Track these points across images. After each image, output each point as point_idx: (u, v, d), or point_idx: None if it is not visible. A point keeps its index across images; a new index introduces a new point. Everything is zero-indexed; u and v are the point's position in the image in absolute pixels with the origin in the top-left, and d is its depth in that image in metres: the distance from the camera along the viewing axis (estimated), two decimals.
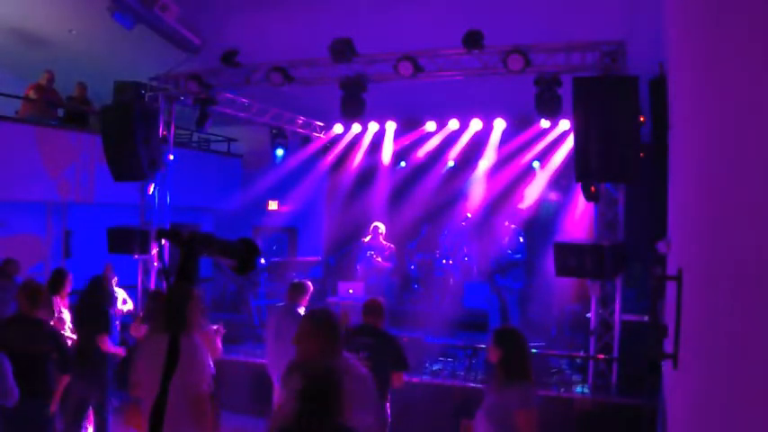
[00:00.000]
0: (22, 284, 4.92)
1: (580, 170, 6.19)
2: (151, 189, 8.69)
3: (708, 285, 1.98)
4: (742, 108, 1.42)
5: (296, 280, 6.14)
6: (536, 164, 10.35)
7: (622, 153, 5.93)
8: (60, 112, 10.26)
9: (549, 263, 6.41)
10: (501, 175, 10.44)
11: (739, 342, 1.43)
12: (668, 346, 2.95)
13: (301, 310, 5.70)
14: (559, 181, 10.09)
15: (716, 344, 1.78)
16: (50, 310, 5.35)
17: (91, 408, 5.75)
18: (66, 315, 6.09)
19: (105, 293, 6.08)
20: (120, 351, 5.92)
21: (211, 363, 3.65)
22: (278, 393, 5.44)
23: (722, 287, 1.70)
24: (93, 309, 5.75)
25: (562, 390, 6.81)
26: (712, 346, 1.85)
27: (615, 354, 6.62)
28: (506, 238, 9.33)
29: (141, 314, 6.47)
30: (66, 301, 6.18)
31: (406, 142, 11.09)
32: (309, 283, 6.01)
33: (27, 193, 9.18)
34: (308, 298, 5.87)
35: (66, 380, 4.84)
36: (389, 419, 4.88)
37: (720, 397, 1.67)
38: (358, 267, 10.03)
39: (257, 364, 7.40)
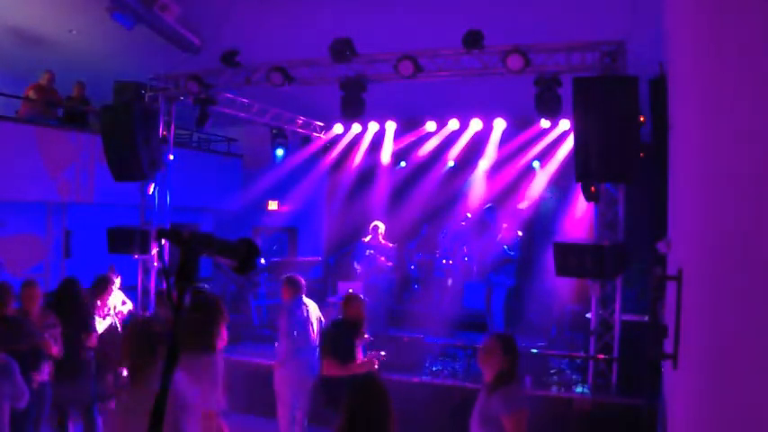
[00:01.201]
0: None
1: (580, 170, 6.18)
2: (151, 189, 8.68)
3: (708, 285, 1.98)
4: (741, 107, 1.42)
5: (288, 275, 6.42)
6: (536, 164, 10.35)
7: (622, 153, 5.93)
8: (60, 112, 10.25)
9: (549, 262, 6.40)
10: (501, 175, 10.45)
11: (739, 342, 1.43)
12: (668, 346, 2.95)
13: (305, 298, 6.22)
14: (559, 181, 10.09)
15: (716, 344, 1.78)
16: (25, 310, 5.32)
17: (79, 410, 5.74)
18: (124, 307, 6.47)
19: (83, 294, 5.97)
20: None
21: None
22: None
23: (722, 287, 1.70)
24: (76, 310, 5.69)
25: (562, 390, 6.80)
26: (712, 346, 1.85)
27: (615, 354, 6.61)
28: (500, 235, 9.33)
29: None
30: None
31: (406, 142, 11.08)
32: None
33: (27, 193, 9.17)
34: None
35: (39, 378, 4.89)
36: None
37: (720, 397, 1.67)
38: (358, 266, 10.02)
39: (257, 363, 7.42)
